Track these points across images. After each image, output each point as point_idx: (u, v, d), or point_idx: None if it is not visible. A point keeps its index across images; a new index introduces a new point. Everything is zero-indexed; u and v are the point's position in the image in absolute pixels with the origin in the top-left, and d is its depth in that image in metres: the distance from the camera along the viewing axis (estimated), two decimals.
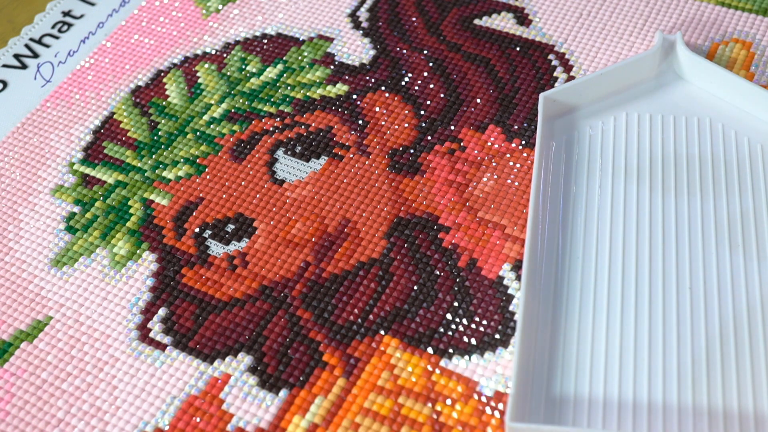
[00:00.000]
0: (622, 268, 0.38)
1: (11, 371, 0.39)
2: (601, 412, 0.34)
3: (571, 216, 0.40)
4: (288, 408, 0.36)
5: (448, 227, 0.41)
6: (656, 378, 0.35)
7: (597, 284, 0.38)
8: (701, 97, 0.44)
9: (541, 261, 0.39)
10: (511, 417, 0.34)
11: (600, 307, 0.37)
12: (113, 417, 0.37)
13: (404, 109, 0.46)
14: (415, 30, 0.50)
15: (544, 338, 0.37)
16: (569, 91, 0.44)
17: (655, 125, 0.43)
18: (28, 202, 0.44)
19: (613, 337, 0.36)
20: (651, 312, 0.37)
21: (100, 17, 0.53)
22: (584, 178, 0.41)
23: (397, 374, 0.37)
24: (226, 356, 0.38)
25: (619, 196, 0.41)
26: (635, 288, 0.38)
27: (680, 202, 0.40)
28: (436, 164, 0.44)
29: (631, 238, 0.39)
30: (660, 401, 0.34)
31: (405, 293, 0.39)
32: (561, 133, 0.43)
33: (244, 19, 0.52)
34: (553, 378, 0.36)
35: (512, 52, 0.48)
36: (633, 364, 0.36)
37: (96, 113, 0.48)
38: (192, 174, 0.45)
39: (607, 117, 0.44)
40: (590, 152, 0.42)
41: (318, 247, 0.41)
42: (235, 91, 0.48)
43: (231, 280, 0.40)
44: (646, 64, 0.45)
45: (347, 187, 0.43)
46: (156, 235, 0.42)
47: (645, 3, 0.50)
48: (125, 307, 0.40)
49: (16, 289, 0.41)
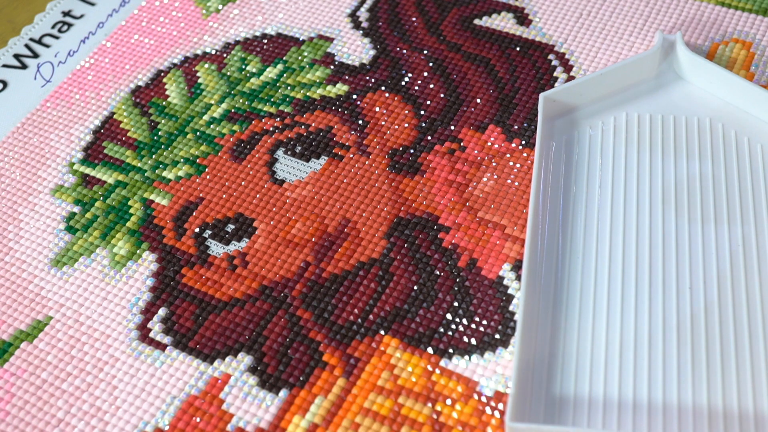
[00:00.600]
0: (622, 268, 0.38)
1: (11, 371, 0.39)
2: (601, 412, 0.34)
3: (571, 216, 0.40)
4: (288, 408, 0.36)
5: (448, 227, 0.41)
6: (656, 378, 0.35)
7: (597, 284, 0.38)
8: (701, 97, 0.44)
9: (541, 261, 0.39)
10: (511, 417, 0.34)
11: (600, 307, 0.37)
12: (113, 417, 0.37)
13: (404, 109, 0.46)
14: (415, 30, 0.50)
15: (544, 338, 0.37)
16: (569, 91, 0.44)
17: (655, 125, 0.43)
18: (28, 202, 0.45)
19: (613, 337, 0.36)
20: (651, 312, 0.37)
21: (100, 17, 0.53)
22: (584, 178, 0.41)
23: (397, 374, 0.37)
24: (226, 356, 0.38)
25: (619, 195, 0.41)
26: (635, 288, 0.38)
27: (680, 202, 0.40)
28: (436, 164, 0.44)
29: (631, 238, 0.39)
30: (660, 401, 0.34)
31: (405, 293, 0.39)
32: (561, 133, 0.43)
33: (244, 19, 0.52)
34: (553, 378, 0.36)
35: (512, 52, 0.48)
36: (633, 364, 0.36)
37: (96, 113, 0.48)
38: (192, 174, 0.45)
39: (607, 117, 0.44)
40: (590, 152, 0.42)
41: (318, 247, 0.41)
42: (235, 91, 0.48)
43: (231, 280, 0.40)
44: (646, 64, 0.45)
45: (347, 187, 0.43)
46: (156, 235, 0.42)
47: (645, 3, 0.50)
48: (125, 307, 0.40)
49: (16, 289, 0.41)
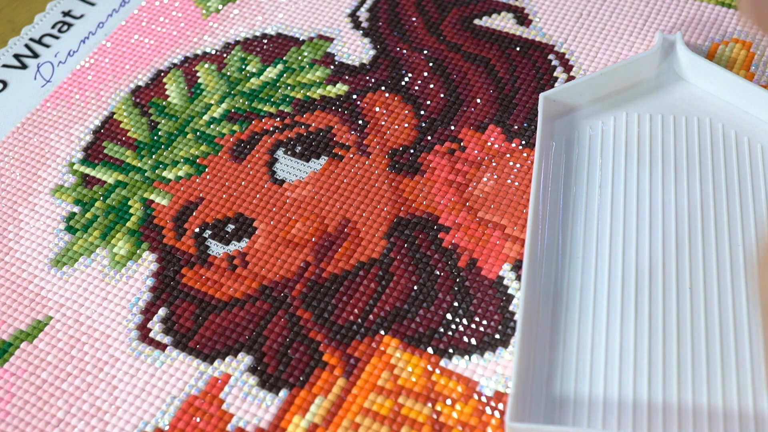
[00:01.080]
0: (622, 268, 0.38)
1: (11, 371, 0.39)
2: (601, 412, 0.34)
3: (571, 216, 0.40)
4: (288, 408, 0.36)
5: (448, 227, 0.41)
6: (656, 378, 0.35)
7: (597, 284, 0.38)
8: (701, 97, 0.44)
9: (541, 261, 0.39)
10: (511, 417, 0.34)
11: (600, 306, 0.37)
12: (113, 417, 0.37)
13: (404, 109, 0.46)
14: (415, 30, 0.50)
15: (544, 338, 0.37)
16: (569, 91, 0.44)
17: (655, 125, 0.43)
18: (28, 202, 0.45)
19: (613, 337, 0.36)
20: (651, 312, 0.37)
21: (100, 17, 0.53)
22: (584, 178, 0.41)
23: (397, 374, 0.37)
24: (226, 356, 0.38)
25: (619, 195, 0.41)
26: (635, 288, 0.38)
27: (680, 203, 0.40)
28: (436, 164, 0.44)
29: (631, 237, 0.39)
30: (660, 401, 0.34)
31: (405, 293, 0.39)
32: (561, 133, 0.43)
33: (244, 19, 0.52)
34: (553, 378, 0.36)
35: (512, 52, 0.48)
36: (633, 364, 0.36)
37: (96, 113, 0.48)
38: (192, 174, 0.45)
39: (607, 117, 0.44)
40: (590, 152, 0.42)
41: (318, 247, 0.41)
42: (235, 91, 0.48)
43: (231, 280, 0.40)
44: (646, 64, 0.45)
45: (347, 187, 0.43)
46: (156, 235, 0.42)
47: (645, 3, 0.50)
48: (125, 307, 0.40)
49: (16, 289, 0.41)
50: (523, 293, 0.37)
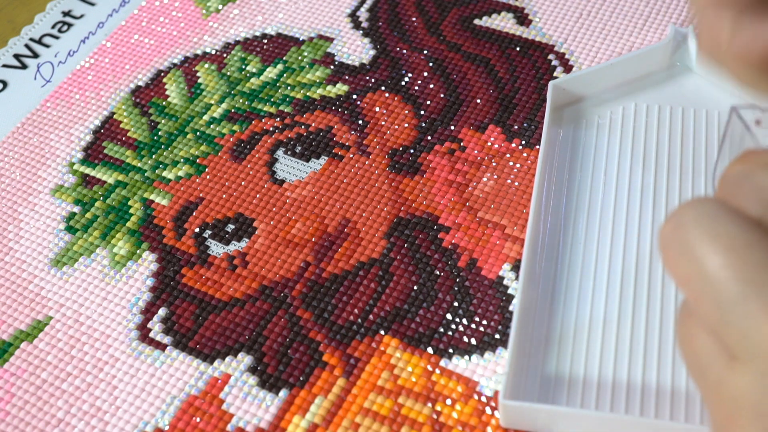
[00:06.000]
0: (623, 255, 0.39)
1: (11, 371, 0.39)
2: (595, 393, 0.35)
3: (575, 203, 0.40)
4: (288, 408, 0.36)
5: (448, 227, 0.41)
6: (651, 360, 0.35)
7: (597, 268, 0.38)
8: (710, 90, 0.44)
9: (543, 243, 0.39)
10: (505, 395, 0.34)
11: (599, 289, 0.38)
12: (113, 417, 0.37)
13: (404, 109, 0.46)
14: (415, 30, 0.50)
15: (541, 318, 0.37)
16: (579, 80, 0.44)
17: (663, 116, 0.43)
18: (28, 202, 0.44)
19: (610, 319, 0.37)
20: (649, 295, 0.37)
21: (100, 17, 0.53)
22: (590, 166, 0.42)
23: (397, 374, 0.37)
24: (226, 356, 0.38)
25: (624, 185, 0.41)
26: (635, 273, 0.38)
27: (685, 194, 0.40)
28: (436, 164, 0.44)
29: (633, 227, 0.39)
30: (654, 383, 0.35)
31: (405, 293, 0.39)
32: (569, 122, 0.43)
33: (244, 19, 0.52)
34: (548, 358, 0.36)
35: (512, 52, 0.48)
36: (629, 346, 0.36)
37: (96, 113, 0.48)
38: (192, 174, 0.45)
39: (616, 107, 0.44)
40: (597, 141, 0.43)
41: (318, 247, 0.41)
42: (235, 91, 0.48)
43: (231, 280, 0.40)
44: (656, 56, 0.45)
45: (347, 187, 0.43)
46: (156, 235, 0.42)
47: (645, 3, 0.50)
48: (125, 307, 0.40)
49: (16, 289, 0.41)
50: (522, 276, 0.37)
